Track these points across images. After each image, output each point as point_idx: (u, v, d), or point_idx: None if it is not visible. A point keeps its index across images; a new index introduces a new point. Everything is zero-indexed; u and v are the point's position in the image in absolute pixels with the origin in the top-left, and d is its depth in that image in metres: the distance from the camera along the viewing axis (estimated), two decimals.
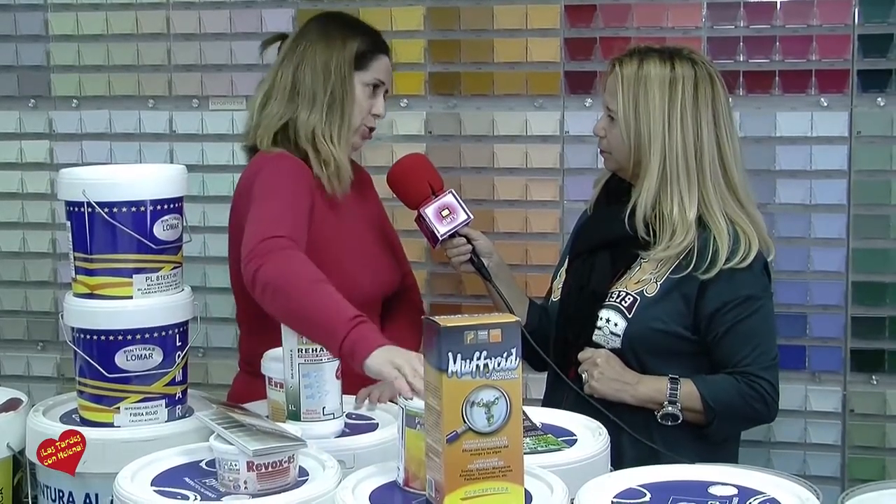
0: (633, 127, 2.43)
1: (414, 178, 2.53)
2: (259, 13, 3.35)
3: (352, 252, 2.54)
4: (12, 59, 3.53)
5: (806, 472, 2.98)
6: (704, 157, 2.43)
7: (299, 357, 2.04)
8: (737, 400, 2.40)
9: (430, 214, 2.49)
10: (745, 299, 2.40)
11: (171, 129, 3.44)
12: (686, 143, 2.42)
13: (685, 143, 2.42)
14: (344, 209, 2.56)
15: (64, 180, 2.13)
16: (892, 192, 3.01)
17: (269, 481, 1.76)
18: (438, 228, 2.49)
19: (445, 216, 2.50)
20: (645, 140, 2.42)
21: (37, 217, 3.55)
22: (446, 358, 1.59)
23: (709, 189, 2.43)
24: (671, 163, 2.41)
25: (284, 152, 2.51)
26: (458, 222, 2.50)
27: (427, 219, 2.49)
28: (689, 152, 2.42)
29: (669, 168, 2.41)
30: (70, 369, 2.25)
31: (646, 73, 2.44)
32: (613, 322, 2.43)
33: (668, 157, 2.41)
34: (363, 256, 2.57)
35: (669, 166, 2.41)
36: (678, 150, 2.41)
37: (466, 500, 1.61)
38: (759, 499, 1.68)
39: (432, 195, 2.51)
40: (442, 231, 2.49)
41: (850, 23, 3.00)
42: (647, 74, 2.44)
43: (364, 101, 2.58)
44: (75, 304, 2.13)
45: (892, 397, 3.05)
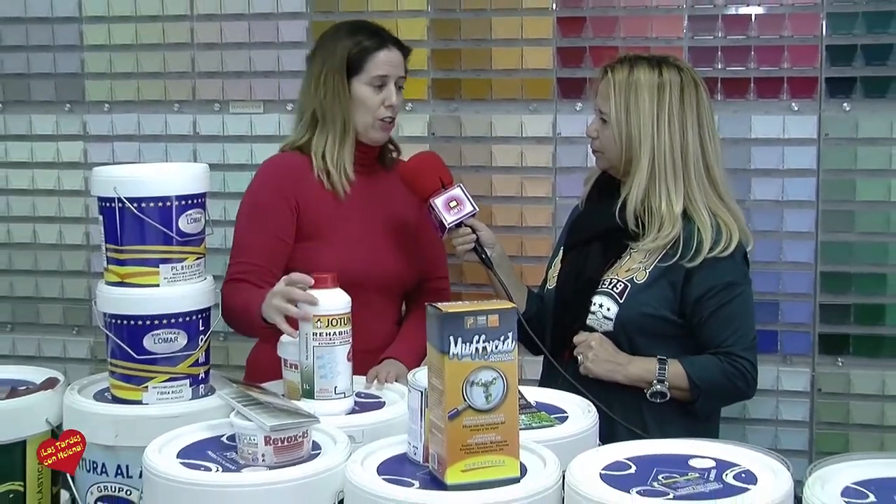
0: (624, 128, 2.43)
1: (426, 172, 2.53)
2: (276, 24, 3.34)
3: (348, 235, 2.54)
4: (50, 67, 3.53)
5: (777, 446, 2.98)
6: (689, 155, 2.42)
7: (314, 340, 2.04)
8: (720, 378, 2.39)
9: (439, 204, 2.48)
10: (727, 286, 2.40)
11: (195, 131, 3.44)
12: (673, 142, 2.41)
13: (672, 142, 2.41)
14: (352, 198, 2.56)
15: (96, 178, 2.12)
16: (857, 190, 3.01)
17: (285, 454, 1.76)
18: (446, 217, 2.48)
19: (453, 207, 2.49)
20: (635, 140, 2.42)
21: (72, 212, 3.55)
22: (448, 341, 1.58)
23: (693, 185, 2.42)
24: (659, 161, 2.41)
25: (277, 156, 2.64)
26: (465, 213, 2.49)
27: (436, 208, 2.48)
28: (676, 151, 2.41)
29: (658, 166, 2.41)
30: (103, 351, 2.25)
31: (636, 79, 2.43)
32: (606, 307, 2.42)
33: (656, 155, 2.41)
34: (363, 242, 2.56)
35: (658, 164, 2.41)
36: (666, 149, 2.41)
37: (466, 471, 1.60)
38: (734, 470, 1.67)
39: (442, 188, 2.50)
40: (449, 220, 2.48)
41: (819, 34, 3.00)
42: (637, 80, 2.43)
43: (370, 98, 2.56)
44: (107, 291, 2.12)
45: (856, 377, 3.05)
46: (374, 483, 1.62)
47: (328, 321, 2.03)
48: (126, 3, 3.44)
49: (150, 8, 3.43)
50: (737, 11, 3.06)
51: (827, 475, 1.63)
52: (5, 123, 3.58)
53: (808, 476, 1.63)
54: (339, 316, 2.04)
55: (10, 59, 3.55)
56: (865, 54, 2.97)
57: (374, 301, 2.51)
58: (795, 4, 3.01)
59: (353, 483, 1.63)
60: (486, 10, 3.21)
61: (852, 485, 1.61)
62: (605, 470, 1.67)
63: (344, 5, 3.29)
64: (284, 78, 3.32)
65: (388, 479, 1.65)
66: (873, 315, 3.03)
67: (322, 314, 2.04)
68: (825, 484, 1.60)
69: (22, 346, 3.63)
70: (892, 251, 3.00)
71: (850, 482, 1.62)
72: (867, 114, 2.98)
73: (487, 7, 3.20)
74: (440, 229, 2.50)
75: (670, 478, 1.64)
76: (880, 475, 1.65)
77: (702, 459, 1.71)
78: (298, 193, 2.55)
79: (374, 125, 2.58)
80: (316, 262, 2.41)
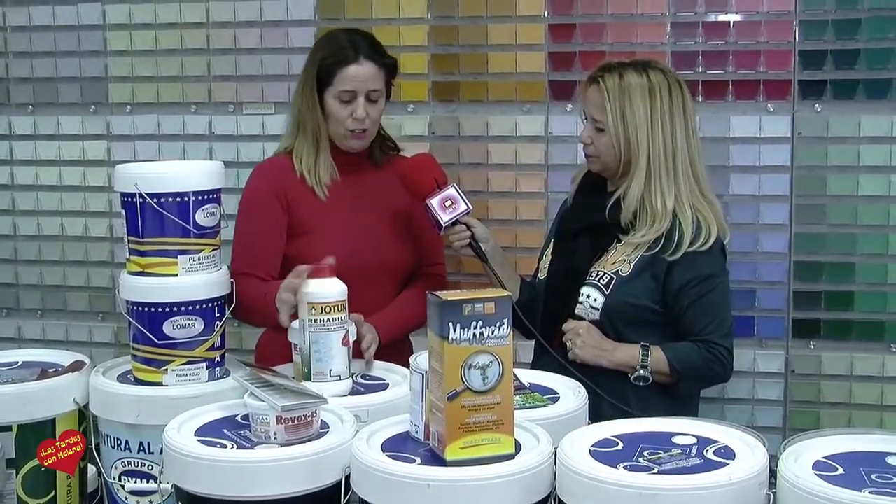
0: (622, 133, 2.40)
1: (422, 174, 2.51)
2: (286, 31, 3.33)
3: (334, 230, 2.54)
4: (76, 71, 3.52)
5: (754, 424, 2.98)
6: (678, 154, 2.40)
7: (309, 326, 2.03)
8: (698, 363, 2.39)
9: (434, 204, 2.47)
10: (706, 278, 2.39)
11: (211, 131, 3.43)
12: (666, 142, 2.39)
13: (665, 143, 2.39)
14: (339, 195, 2.56)
15: (119, 175, 2.12)
16: (828, 185, 3.00)
17: (296, 433, 1.76)
18: (442, 216, 2.47)
19: (448, 206, 2.48)
20: (633, 144, 2.39)
21: (96, 206, 3.54)
22: (447, 327, 1.58)
23: (681, 182, 2.40)
24: (655, 161, 2.39)
25: (266, 160, 2.70)
26: (459, 212, 2.48)
27: (432, 208, 2.47)
28: (669, 151, 2.39)
29: (654, 166, 2.39)
30: (125, 336, 2.24)
31: (627, 85, 2.40)
32: (593, 297, 2.41)
33: (652, 156, 2.39)
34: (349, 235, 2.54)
35: (654, 164, 2.39)
36: (661, 149, 2.39)
37: (465, 448, 1.60)
38: (714, 446, 1.67)
39: (437, 188, 2.49)
40: (445, 219, 2.47)
41: (792, 40, 2.99)
42: (628, 85, 2.40)
43: (338, 111, 2.52)
44: (129, 280, 2.12)
45: (827, 359, 3.05)
46: (378, 459, 1.62)
47: (321, 308, 2.03)
48: (147, 12, 3.43)
49: (169, 16, 3.42)
50: (716, 18, 3.05)
51: (800, 450, 1.63)
52: (35, 124, 3.57)
53: (783, 451, 1.63)
54: (333, 303, 2.03)
55: (39, 65, 3.54)
56: (835, 59, 2.96)
57: (368, 289, 2.48)
58: (770, 12, 3.00)
59: (359, 459, 1.64)
60: (483, 17, 3.20)
61: (823, 458, 1.62)
62: (594, 447, 1.67)
63: (349, 13, 3.28)
64: (294, 81, 3.23)
65: (391, 456, 1.65)
66: (843, 301, 3.02)
67: (317, 302, 2.03)
68: (798, 458, 1.60)
69: (51, 332, 3.62)
70: (860, 242, 3.00)
71: (821, 456, 1.63)
72: (837, 114, 2.97)
73: (484, 14, 3.19)
74: (437, 227, 2.50)
75: (655, 454, 1.64)
76: (849, 449, 1.66)
77: (684, 437, 1.71)
78: (287, 192, 2.55)
79: (346, 135, 2.54)
80: (305, 256, 2.37)
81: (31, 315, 3.66)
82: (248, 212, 2.57)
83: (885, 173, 2.97)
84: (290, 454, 1.69)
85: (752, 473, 1.54)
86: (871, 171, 2.98)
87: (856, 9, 2.94)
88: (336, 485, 1.70)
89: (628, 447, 1.67)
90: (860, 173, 2.98)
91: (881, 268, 2.99)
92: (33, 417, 2.06)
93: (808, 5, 2.97)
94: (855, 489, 1.48)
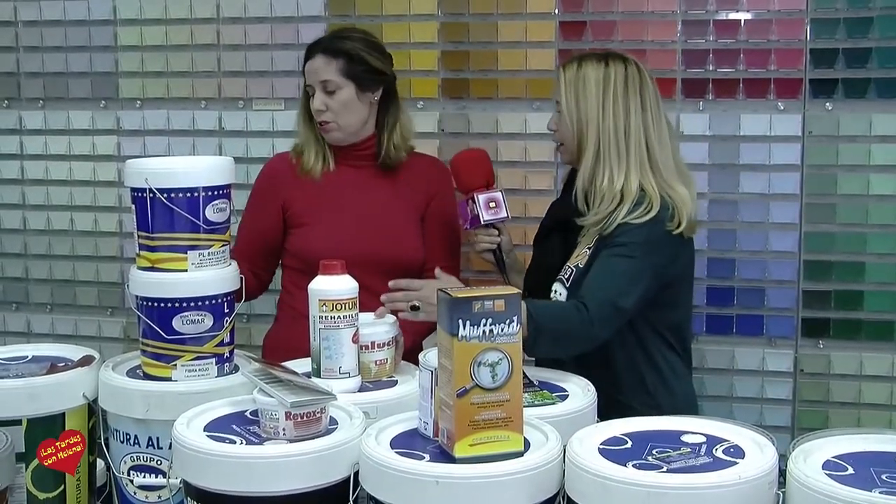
0: (574, 115, 2.40)
1: (478, 168, 2.54)
2: (296, 27, 3.33)
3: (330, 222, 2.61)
4: (86, 67, 3.52)
5: (762, 423, 2.96)
6: (631, 136, 2.37)
7: (320, 323, 2.03)
8: (557, 311, 2.25)
9: (481, 200, 2.49)
10: (620, 244, 2.29)
11: (220, 127, 3.43)
12: (617, 125, 2.37)
13: (616, 125, 2.37)
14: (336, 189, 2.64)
15: (129, 170, 2.12)
16: (839, 184, 2.99)
17: (304, 429, 1.76)
18: (484, 214, 2.49)
19: (492, 207, 2.50)
20: (584, 125, 2.38)
21: (106, 201, 3.55)
22: (457, 324, 1.57)
23: (632, 163, 2.35)
24: (605, 142, 2.36)
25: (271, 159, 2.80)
26: (500, 216, 2.51)
27: (478, 203, 2.49)
28: (620, 132, 2.36)
29: (602, 147, 2.37)
30: (135, 331, 2.24)
31: (584, 72, 2.41)
32: (559, 293, 2.39)
33: (601, 138, 2.37)
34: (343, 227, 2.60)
35: (602, 145, 2.37)
36: (611, 131, 2.36)
37: (474, 446, 1.60)
38: (724, 445, 1.67)
39: (486, 187, 2.51)
40: (486, 218, 2.49)
41: (803, 39, 2.98)
42: (585, 73, 2.40)
43: (307, 106, 2.65)
44: (139, 275, 2.12)
45: (836, 359, 3.04)
46: (387, 456, 1.62)
47: (332, 305, 2.03)
48: (157, 7, 3.44)
49: (179, 11, 3.42)
50: (727, 17, 3.04)
51: (809, 449, 1.63)
52: (45, 119, 3.58)
53: (792, 450, 1.63)
54: (343, 300, 2.03)
55: (50, 59, 3.55)
56: (846, 57, 2.95)
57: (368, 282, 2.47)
58: (782, 10, 2.99)
59: (367, 456, 1.63)
60: (493, 14, 3.19)
61: (832, 458, 1.61)
62: (603, 445, 1.67)
63: (360, 9, 3.28)
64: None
65: (400, 453, 1.65)
66: (852, 301, 3.02)
67: (327, 299, 2.03)
68: (807, 457, 1.60)
69: (60, 326, 3.63)
70: (870, 241, 2.99)
71: (831, 456, 1.62)
72: (848, 113, 2.96)
73: (494, 11, 3.19)
74: (470, 222, 2.51)
75: (664, 452, 1.63)
76: (858, 449, 1.65)
77: (693, 435, 1.71)
78: (285, 191, 2.65)
79: (320, 129, 2.64)
80: (303, 245, 2.61)
81: (41, 309, 3.66)
82: (246, 210, 2.72)
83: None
84: (299, 450, 1.69)
85: (761, 473, 1.54)
86: (882, 171, 2.97)
87: (867, 7, 2.93)
88: (345, 481, 1.70)
89: (637, 445, 1.67)
90: (871, 172, 2.97)
91: (891, 267, 2.98)
92: (43, 412, 2.05)
93: (820, 4, 2.96)
94: (865, 489, 1.47)
